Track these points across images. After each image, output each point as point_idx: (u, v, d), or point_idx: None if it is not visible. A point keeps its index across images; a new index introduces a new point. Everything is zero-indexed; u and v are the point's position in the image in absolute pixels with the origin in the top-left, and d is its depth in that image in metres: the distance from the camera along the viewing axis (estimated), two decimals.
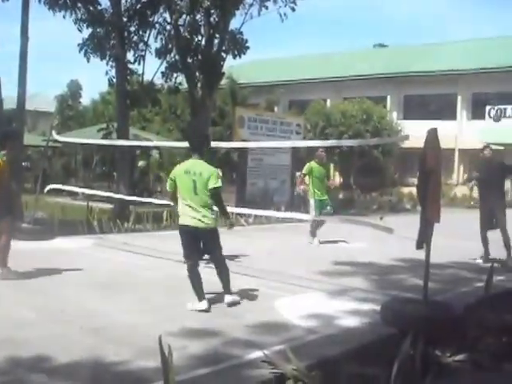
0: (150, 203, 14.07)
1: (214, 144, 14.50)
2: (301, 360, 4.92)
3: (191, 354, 5.29)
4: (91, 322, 6.28)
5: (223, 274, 7.25)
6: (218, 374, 4.94)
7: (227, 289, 7.23)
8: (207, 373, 4.93)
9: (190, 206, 6.98)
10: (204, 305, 6.91)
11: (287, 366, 4.81)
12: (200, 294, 6.98)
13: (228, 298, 7.17)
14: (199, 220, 6.98)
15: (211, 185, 7.01)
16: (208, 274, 7.38)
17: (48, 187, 13.86)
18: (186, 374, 4.81)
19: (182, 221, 7.11)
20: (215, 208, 7.29)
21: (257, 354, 5.28)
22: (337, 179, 28.57)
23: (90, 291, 7.73)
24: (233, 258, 9.88)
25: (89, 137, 18.79)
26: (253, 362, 5.17)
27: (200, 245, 7.29)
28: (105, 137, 17.69)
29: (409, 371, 4.66)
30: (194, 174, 7.03)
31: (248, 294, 7.74)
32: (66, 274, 8.79)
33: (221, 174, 7.63)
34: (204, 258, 9.06)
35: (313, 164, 13.13)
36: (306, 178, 13.19)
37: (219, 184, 7.10)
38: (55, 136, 14.01)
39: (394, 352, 4.83)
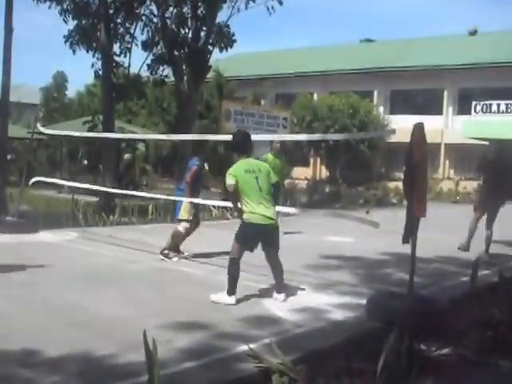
0: (135, 196, 13.95)
1: (199, 137, 14.65)
2: (286, 354, 4.91)
3: (176, 348, 5.27)
4: (75, 315, 6.23)
5: (279, 272, 7.37)
6: (203, 367, 4.91)
7: (281, 286, 7.33)
8: (192, 366, 4.90)
9: (261, 204, 7.07)
10: (233, 300, 6.98)
11: (273, 360, 4.80)
12: (233, 289, 7.02)
13: (281, 297, 7.25)
14: (269, 218, 7.09)
15: (273, 180, 7.29)
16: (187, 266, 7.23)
17: (33, 180, 13.72)
18: (171, 367, 4.79)
19: (254, 219, 7.06)
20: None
21: (242, 348, 5.26)
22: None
23: (74, 284, 7.65)
24: (217, 252, 9.86)
25: (74, 129, 18.61)
26: (238, 356, 5.15)
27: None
28: (90, 129, 17.61)
29: (394, 365, 4.66)
30: (253, 171, 7.16)
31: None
32: (49, 267, 8.69)
33: None
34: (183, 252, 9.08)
35: (268, 156, 12.36)
36: None
37: (276, 178, 7.45)
38: (40, 128, 13.87)
39: (379, 346, 4.83)
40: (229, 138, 15.12)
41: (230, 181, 7.13)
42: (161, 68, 18.54)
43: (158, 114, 34.12)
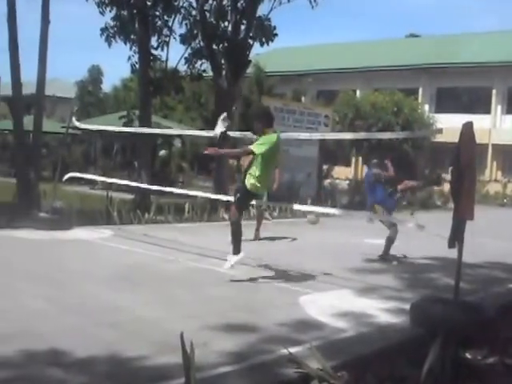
0: (171, 193, 13.57)
1: (238, 134, 14.15)
2: (327, 359, 4.82)
3: (213, 351, 5.09)
4: (109, 315, 6.08)
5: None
6: (239, 371, 4.75)
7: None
8: (229, 370, 4.74)
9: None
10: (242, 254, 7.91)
11: (312, 366, 4.69)
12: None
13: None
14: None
15: None
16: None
17: (67, 175, 13.41)
18: (208, 371, 4.62)
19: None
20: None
21: (281, 353, 5.07)
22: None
23: (109, 284, 7.53)
24: (257, 253, 9.77)
25: (109, 124, 18.29)
26: (277, 361, 4.99)
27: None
28: (126, 124, 17.28)
29: (439, 374, 4.58)
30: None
31: (273, 291, 7.61)
32: (83, 265, 8.62)
33: None
34: None
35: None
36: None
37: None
38: (75, 123, 13.52)
39: (423, 353, 4.76)
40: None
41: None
42: (199, 62, 18.17)
43: (195, 110, 33.75)
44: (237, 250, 7.91)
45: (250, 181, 7.91)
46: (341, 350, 5.39)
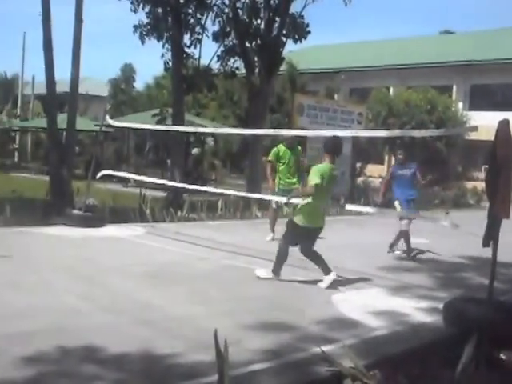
0: (204, 192, 13.56)
1: (272, 132, 14.10)
2: (360, 358, 4.84)
3: (246, 349, 5.08)
4: (143, 313, 6.09)
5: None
6: (273, 369, 4.73)
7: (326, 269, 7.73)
8: (262, 368, 4.73)
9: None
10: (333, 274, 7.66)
11: (345, 364, 4.69)
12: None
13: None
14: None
15: None
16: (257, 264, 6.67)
17: (100, 173, 13.48)
18: (241, 368, 4.62)
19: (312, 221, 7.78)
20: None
21: (314, 351, 5.07)
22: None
23: (142, 281, 7.54)
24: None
25: (142, 122, 18.37)
26: (310, 359, 4.97)
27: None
28: (159, 122, 17.33)
29: (472, 374, 4.55)
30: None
31: (306, 289, 7.58)
32: (116, 262, 8.65)
33: None
34: None
35: (280, 147, 11.47)
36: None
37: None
38: (109, 120, 13.58)
39: (456, 353, 4.73)
40: (301, 133, 14.45)
41: (318, 177, 7.50)
42: (232, 60, 18.14)
43: (228, 108, 33.74)
44: (326, 270, 7.68)
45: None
46: (373, 348, 5.36)
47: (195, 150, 26.51)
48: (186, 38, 17.16)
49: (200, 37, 17.35)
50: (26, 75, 40.85)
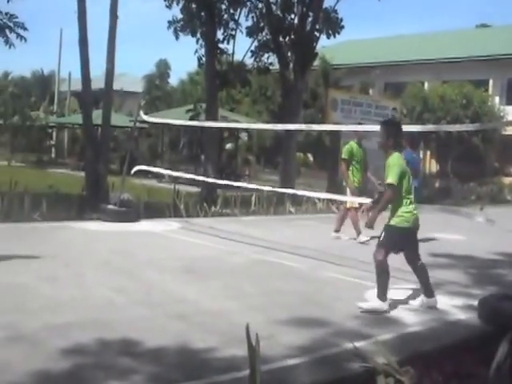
0: (237, 187, 13.59)
1: (305, 127, 14.09)
2: (393, 354, 4.81)
3: (279, 343, 5.08)
4: (177, 307, 6.11)
5: (424, 274, 6.72)
6: (305, 364, 4.71)
7: (428, 290, 6.69)
8: (295, 363, 4.71)
9: (412, 203, 6.49)
10: (386, 305, 6.36)
11: (378, 360, 4.67)
12: (386, 292, 6.41)
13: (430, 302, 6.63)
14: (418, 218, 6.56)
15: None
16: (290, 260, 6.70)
17: (134, 169, 13.60)
18: (273, 363, 4.62)
19: (407, 222, 6.46)
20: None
21: (347, 346, 5.06)
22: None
23: (176, 275, 7.59)
24: (320, 246, 9.75)
25: (176, 118, 18.49)
26: (343, 355, 4.96)
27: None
28: (193, 118, 17.42)
29: (508, 372, 4.48)
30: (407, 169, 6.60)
31: (339, 284, 7.54)
32: (151, 256, 8.73)
33: None
34: None
35: (353, 144, 11.19)
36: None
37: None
38: (143, 116, 13.69)
39: (491, 350, 4.69)
40: (335, 127, 14.36)
41: (397, 174, 6.35)
42: (265, 55, 18.12)
43: (261, 103, 33.71)
44: (427, 291, 6.71)
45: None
46: (406, 345, 5.33)
47: (229, 146, 26.60)
48: (220, 34, 17.28)
49: (233, 32, 17.45)
50: (63, 72, 41.23)
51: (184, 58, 43.70)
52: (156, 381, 4.27)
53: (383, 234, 6.49)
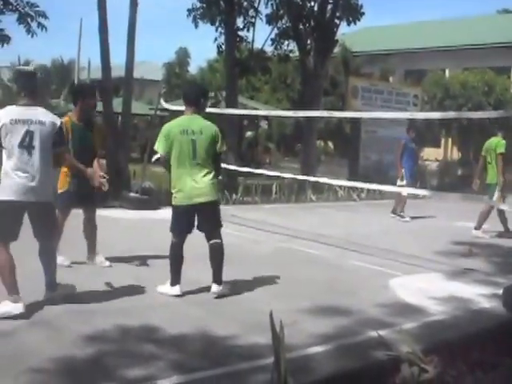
0: (260, 175, 13.57)
1: (327, 114, 13.99)
2: (417, 343, 4.81)
3: (302, 331, 5.06)
4: (199, 294, 6.16)
5: (218, 257, 6.22)
6: (329, 352, 4.72)
7: (217, 276, 6.17)
8: (318, 351, 4.72)
9: (191, 176, 5.95)
10: (177, 290, 6.05)
11: (402, 349, 4.67)
12: (176, 278, 6.10)
13: (215, 288, 6.15)
14: (202, 194, 5.98)
15: (218, 148, 6.11)
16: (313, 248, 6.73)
17: (155, 156, 13.60)
18: (297, 351, 4.60)
19: (181, 198, 6.04)
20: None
21: (371, 335, 5.06)
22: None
23: (198, 263, 7.37)
24: (343, 234, 9.82)
25: None
26: (367, 343, 4.96)
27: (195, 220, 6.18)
28: (213, 106, 17.36)
29: None
30: (192, 133, 5.95)
31: (362, 272, 7.54)
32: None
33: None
34: None
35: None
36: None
37: (225, 148, 6.30)
38: (163, 104, 13.68)
39: None
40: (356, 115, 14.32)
41: (161, 141, 5.99)
42: (285, 43, 18.00)
43: (281, 91, 33.55)
44: None
45: None
46: (430, 333, 5.31)
47: (249, 134, 26.54)
48: (239, 22, 17.14)
49: (253, 20, 17.30)
50: (82, 60, 41.34)
51: (203, 45, 43.60)
52: (180, 368, 4.29)
53: None
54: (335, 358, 4.63)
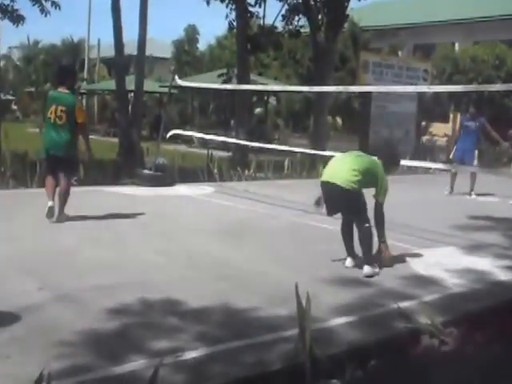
0: (270, 151, 13.62)
1: (335, 88, 13.96)
2: (436, 315, 4.86)
3: (323, 303, 5.07)
4: (218, 268, 6.22)
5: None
6: (351, 324, 4.78)
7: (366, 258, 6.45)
8: (340, 323, 4.80)
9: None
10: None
11: (422, 321, 4.72)
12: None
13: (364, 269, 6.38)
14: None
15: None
16: (327, 223, 6.74)
17: (170, 133, 13.71)
18: (319, 322, 4.64)
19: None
20: None
21: (390, 307, 5.14)
22: None
23: (216, 238, 7.69)
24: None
25: (207, 82, 18.46)
26: (387, 315, 5.02)
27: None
28: (225, 82, 17.36)
29: None
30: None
31: (377, 246, 7.36)
32: (189, 219, 8.90)
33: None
34: None
35: None
36: None
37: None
38: (178, 81, 13.67)
39: None
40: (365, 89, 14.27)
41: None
42: (296, 18, 17.94)
43: (290, 67, 33.40)
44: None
45: None
46: (449, 306, 5.35)
47: (258, 110, 26.50)
48: None
49: None
50: (92, 39, 41.31)
51: (212, 22, 43.22)
52: (203, 339, 4.35)
53: None
54: (356, 329, 4.68)
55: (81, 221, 8.20)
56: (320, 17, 17.72)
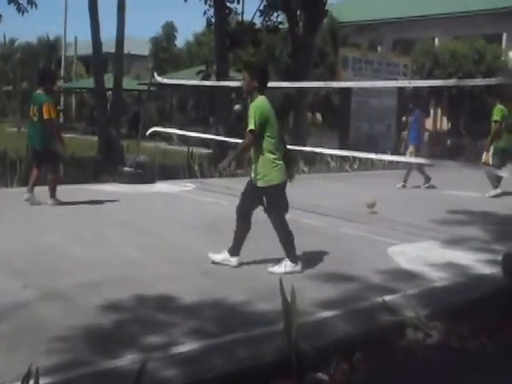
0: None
1: (316, 84, 13.91)
2: (419, 308, 4.90)
3: (307, 297, 5.05)
4: (202, 264, 6.18)
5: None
6: (336, 318, 4.78)
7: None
8: (325, 316, 4.81)
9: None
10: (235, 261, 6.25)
11: (407, 314, 4.76)
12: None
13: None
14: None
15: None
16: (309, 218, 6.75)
17: (150, 130, 13.63)
18: (304, 317, 4.56)
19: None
20: None
21: (374, 301, 5.16)
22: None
23: (196, 233, 7.69)
24: (337, 204, 9.83)
25: (185, 79, 18.38)
26: (371, 309, 5.02)
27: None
28: (204, 79, 17.30)
29: None
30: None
31: (360, 241, 7.56)
32: (170, 216, 8.88)
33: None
34: None
35: (501, 107, 11.91)
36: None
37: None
38: (157, 78, 13.58)
39: None
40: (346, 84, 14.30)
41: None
42: (274, 14, 17.90)
43: (269, 63, 33.33)
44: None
45: None
46: (432, 299, 5.35)
47: (237, 107, 26.41)
48: None
49: None
50: (68, 37, 40.94)
51: (190, 18, 43.17)
52: (194, 334, 4.35)
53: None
54: (341, 323, 4.68)
55: (62, 219, 8.14)
56: (298, 12, 17.66)
